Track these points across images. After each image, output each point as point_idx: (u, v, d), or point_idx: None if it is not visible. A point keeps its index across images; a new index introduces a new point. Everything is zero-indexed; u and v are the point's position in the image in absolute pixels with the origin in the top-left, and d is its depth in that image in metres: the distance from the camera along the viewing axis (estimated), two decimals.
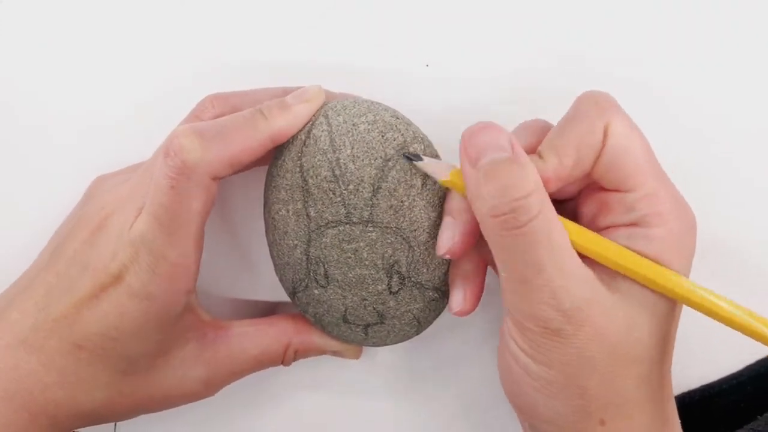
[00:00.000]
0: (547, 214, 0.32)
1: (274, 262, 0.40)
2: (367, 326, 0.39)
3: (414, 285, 0.38)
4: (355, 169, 0.36)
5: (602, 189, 0.35)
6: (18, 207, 0.44)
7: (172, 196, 0.34)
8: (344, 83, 0.41)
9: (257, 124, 0.36)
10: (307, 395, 0.46)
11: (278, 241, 0.38)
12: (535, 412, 0.35)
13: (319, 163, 0.36)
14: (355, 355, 0.43)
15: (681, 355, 0.36)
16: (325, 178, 0.36)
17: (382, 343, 0.40)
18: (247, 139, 0.35)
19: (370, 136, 0.36)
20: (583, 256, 0.34)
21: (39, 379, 0.36)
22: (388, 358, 0.45)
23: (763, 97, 0.43)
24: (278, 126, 0.36)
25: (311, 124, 0.37)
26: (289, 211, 0.37)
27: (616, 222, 0.35)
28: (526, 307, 0.33)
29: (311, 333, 0.41)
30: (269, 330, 0.41)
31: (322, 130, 0.36)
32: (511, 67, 0.43)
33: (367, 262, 0.37)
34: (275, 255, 0.39)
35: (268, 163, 0.39)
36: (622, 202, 0.34)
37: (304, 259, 0.37)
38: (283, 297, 0.42)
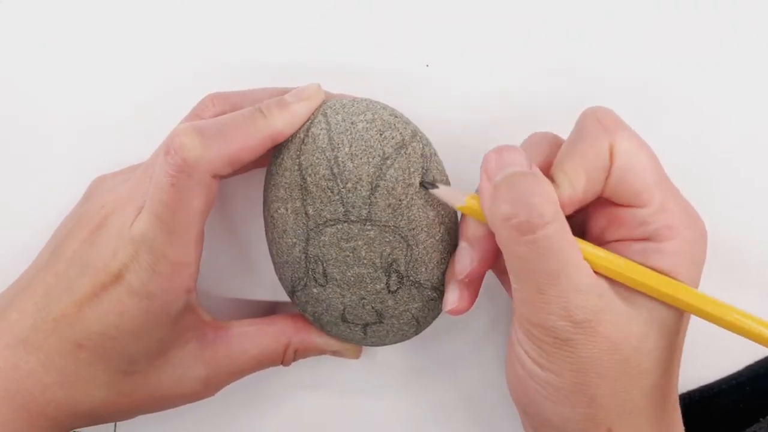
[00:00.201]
0: (561, 226, 0.33)
1: (273, 261, 0.40)
2: (366, 325, 0.39)
3: (412, 284, 0.38)
4: (353, 167, 0.36)
5: (612, 204, 0.35)
6: (18, 207, 0.44)
7: (173, 194, 0.34)
8: (344, 83, 0.41)
9: (257, 122, 0.36)
10: (307, 395, 0.46)
11: (277, 240, 0.38)
12: (543, 418, 0.35)
13: (318, 162, 0.36)
14: (355, 355, 0.43)
15: (681, 357, 0.36)
16: (324, 176, 0.36)
17: (381, 342, 0.40)
18: (246, 138, 0.36)
19: (369, 135, 0.36)
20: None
21: (39, 379, 0.36)
22: (388, 358, 0.45)
23: (763, 98, 0.43)
24: (277, 124, 0.36)
25: (310, 123, 0.37)
26: (287, 210, 0.37)
27: (627, 236, 0.35)
28: (537, 317, 0.33)
29: (311, 333, 0.41)
30: (269, 330, 0.41)
31: (321, 128, 0.36)
32: (511, 67, 0.43)
33: (365, 261, 0.37)
34: (274, 253, 0.39)
35: (267, 164, 0.39)
36: (633, 218, 0.34)
37: (303, 257, 0.37)
38: (282, 297, 0.42)
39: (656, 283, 0.33)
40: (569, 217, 0.35)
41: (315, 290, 0.38)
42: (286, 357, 0.41)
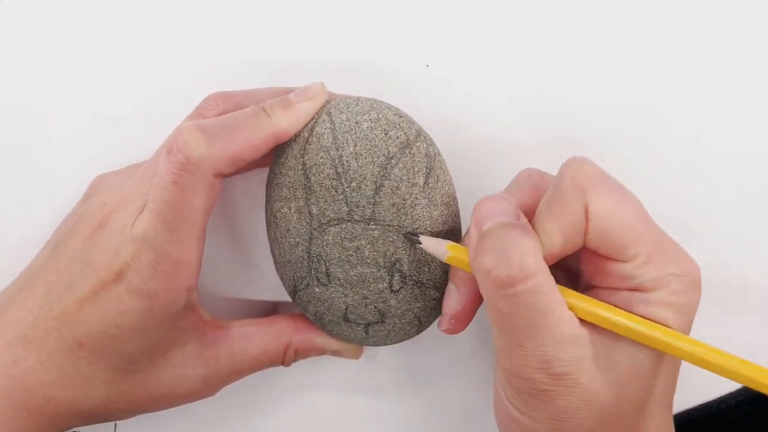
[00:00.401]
0: (544, 279, 0.33)
1: (275, 260, 0.40)
2: (368, 325, 0.39)
3: (415, 284, 0.38)
4: (357, 166, 0.36)
5: (599, 256, 0.35)
6: (18, 206, 0.44)
7: (175, 192, 0.34)
8: (344, 83, 0.41)
9: (260, 121, 0.36)
10: (307, 395, 0.46)
11: (280, 239, 0.38)
12: None
13: (322, 161, 0.36)
14: (356, 355, 0.43)
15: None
16: (328, 175, 0.36)
17: (382, 342, 0.40)
18: (250, 137, 0.36)
19: (373, 134, 0.36)
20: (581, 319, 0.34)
21: (38, 377, 0.36)
22: (389, 358, 0.45)
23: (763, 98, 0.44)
24: (281, 124, 0.36)
25: (314, 122, 0.37)
26: (291, 209, 0.37)
27: (614, 286, 0.34)
28: (515, 368, 0.33)
29: (311, 333, 0.41)
30: (269, 330, 0.41)
31: (325, 127, 0.36)
32: (511, 67, 0.43)
33: (368, 260, 0.37)
34: (276, 253, 0.39)
35: (269, 164, 0.39)
36: (618, 271, 0.34)
37: (306, 257, 0.37)
38: (283, 297, 0.42)
39: (639, 328, 0.33)
40: (561, 259, 0.35)
41: (317, 290, 0.38)
42: (286, 357, 0.41)
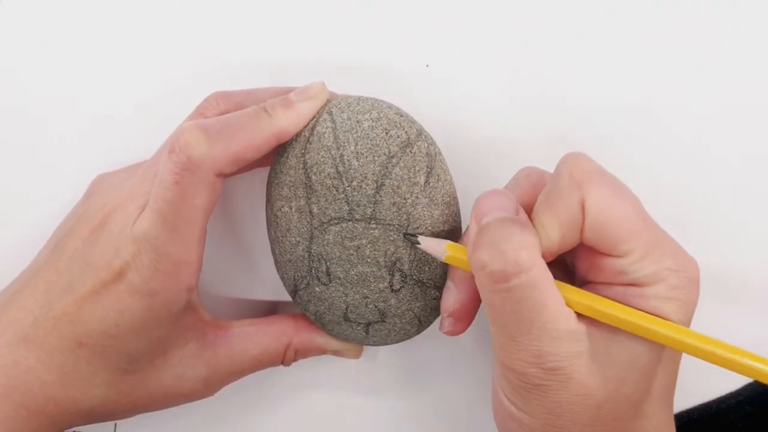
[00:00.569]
0: (540, 272, 0.33)
1: (276, 260, 0.40)
2: (368, 324, 0.39)
3: (416, 283, 0.38)
4: (358, 165, 0.36)
5: (595, 251, 0.35)
6: (19, 205, 0.44)
7: (177, 192, 0.34)
8: (344, 83, 0.41)
9: (261, 121, 0.36)
10: (307, 395, 0.46)
11: (280, 239, 0.38)
12: None
13: (323, 160, 0.36)
14: (356, 355, 0.43)
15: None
16: (329, 174, 0.36)
17: (382, 342, 0.40)
18: (251, 137, 0.36)
19: (374, 133, 0.36)
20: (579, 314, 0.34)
21: (38, 376, 0.36)
22: (389, 358, 0.45)
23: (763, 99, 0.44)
24: (282, 123, 0.36)
25: (315, 121, 0.37)
26: (291, 208, 0.37)
27: (610, 281, 0.34)
28: (510, 362, 0.33)
29: (312, 333, 0.41)
30: (269, 330, 0.41)
31: (326, 127, 0.36)
32: (511, 67, 0.43)
33: (369, 260, 0.37)
34: (277, 252, 0.39)
35: (270, 163, 0.39)
36: (613, 266, 0.34)
37: (306, 256, 0.37)
38: (283, 296, 0.42)
39: (637, 319, 0.33)
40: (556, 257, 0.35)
41: (318, 289, 0.38)
42: (286, 357, 0.41)
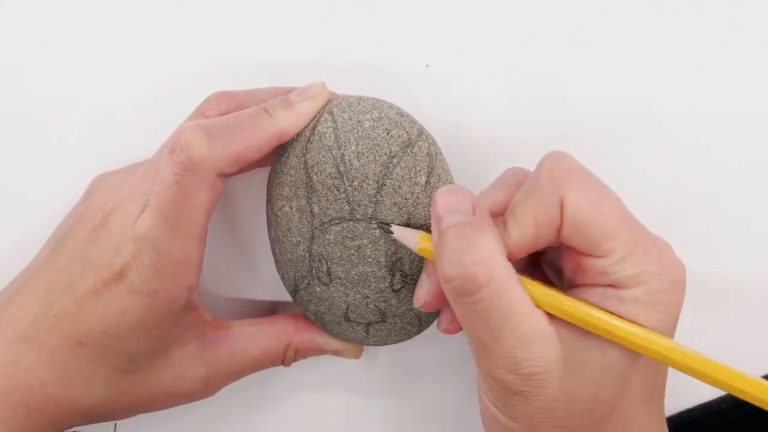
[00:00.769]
0: (502, 281, 0.32)
1: (276, 260, 0.40)
2: (369, 324, 0.39)
3: (416, 283, 0.38)
4: (359, 165, 0.36)
5: (576, 252, 0.34)
6: (18, 206, 0.44)
7: (177, 191, 0.34)
8: (344, 83, 0.41)
9: (262, 121, 0.36)
10: (307, 395, 0.46)
11: (281, 238, 0.38)
12: None
13: (324, 160, 0.36)
14: (356, 355, 0.43)
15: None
16: (330, 174, 0.36)
17: (383, 342, 0.40)
18: (252, 137, 0.36)
19: (375, 133, 0.36)
20: (552, 315, 0.33)
21: (38, 375, 0.36)
22: (389, 358, 0.45)
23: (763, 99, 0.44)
24: (282, 123, 0.36)
25: (316, 121, 0.37)
26: (292, 208, 0.37)
27: (592, 282, 0.34)
28: (488, 370, 0.33)
29: (312, 332, 0.41)
30: (270, 330, 0.41)
31: (327, 126, 0.36)
32: (511, 67, 0.43)
33: (370, 260, 0.37)
34: (277, 252, 0.39)
35: (271, 163, 0.39)
36: (594, 267, 0.33)
37: (307, 256, 0.38)
38: (283, 296, 0.42)
39: (603, 322, 0.32)
40: (541, 255, 0.35)
41: (318, 289, 0.38)
42: (286, 357, 0.41)
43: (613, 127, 0.43)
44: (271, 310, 0.45)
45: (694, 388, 0.43)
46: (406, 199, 0.36)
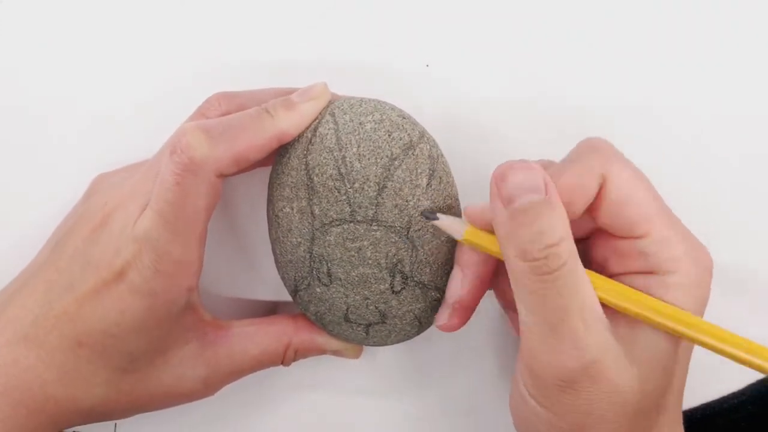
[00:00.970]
0: (574, 261, 0.32)
1: (277, 260, 0.40)
2: (369, 325, 0.39)
3: (416, 285, 0.38)
4: (361, 167, 0.36)
5: (612, 236, 0.35)
6: (18, 206, 0.44)
7: (178, 192, 0.34)
8: (344, 83, 0.41)
9: (263, 122, 0.36)
10: (307, 395, 0.46)
11: (281, 239, 0.38)
12: None
13: (325, 161, 0.36)
14: (356, 355, 0.43)
15: None
16: (331, 176, 0.36)
17: (382, 342, 0.40)
18: (253, 138, 0.35)
19: (377, 135, 0.36)
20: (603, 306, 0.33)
21: (38, 375, 0.36)
22: (389, 358, 0.45)
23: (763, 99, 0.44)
24: (283, 124, 0.36)
25: (317, 122, 0.37)
26: (293, 209, 0.37)
27: (630, 269, 0.34)
28: (547, 356, 0.33)
29: (312, 333, 0.41)
30: (269, 330, 0.41)
31: (329, 128, 0.36)
32: (511, 67, 0.43)
33: (370, 261, 0.37)
34: (278, 252, 0.39)
35: (272, 163, 0.39)
36: (634, 249, 0.34)
37: (308, 257, 0.38)
38: (283, 296, 0.42)
39: (664, 312, 0.33)
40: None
41: (318, 290, 0.38)
42: (286, 357, 0.41)
43: (613, 127, 0.43)
44: (271, 310, 0.45)
45: (696, 389, 0.43)
46: (407, 201, 0.36)
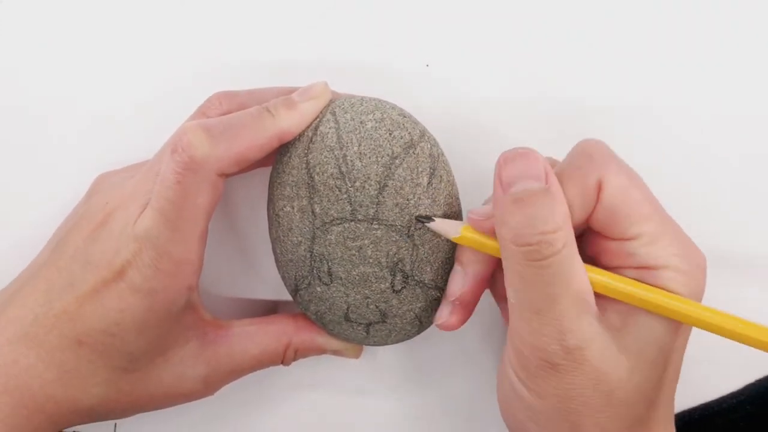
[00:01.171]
0: (570, 250, 0.33)
1: (277, 259, 0.40)
2: (369, 325, 0.39)
3: (417, 284, 0.38)
4: (361, 166, 0.36)
5: (602, 236, 0.35)
6: (18, 206, 0.44)
7: (179, 191, 0.34)
8: (344, 83, 0.41)
9: (264, 121, 0.36)
10: (307, 395, 0.46)
11: (282, 238, 0.38)
12: None
13: (326, 160, 0.36)
14: (356, 355, 0.43)
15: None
16: (332, 175, 0.36)
17: (383, 342, 0.40)
18: (253, 137, 0.36)
19: (378, 134, 0.36)
20: (597, 296, 0.34)
21: (38, 375, 0.36)
22: (389, 358, 0.45)
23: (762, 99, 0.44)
24: (284, 124, 0.36)
25: (318, 121, 0.37)
26: (294, 208, 0.37)
27: (621, 264, 0.35)
28: (530, 337, 0.33)
29: (312, 332, 0.41)
30: (269, 329, 0.41)
31: (330, 127, 0.36)
32: (511, 67, 0.43)
33: (371, 260, 0.37)
34: (278, 252, 0.39)
35: (272, 163, 0.39)
36: (625, 250, 0.34)
37: (308, 256, 0.38)
38: (283, 296, 0.42)
39: (657, 298, 0.33)
40: None
41: (319, 289, 0.38)
42: (286, 356, 0.41)
43: (613, 127, 0.43)
44: (271, 309, 0.45)
45: (695, 389, 0.43)
46: (407, 200, 0.36)
